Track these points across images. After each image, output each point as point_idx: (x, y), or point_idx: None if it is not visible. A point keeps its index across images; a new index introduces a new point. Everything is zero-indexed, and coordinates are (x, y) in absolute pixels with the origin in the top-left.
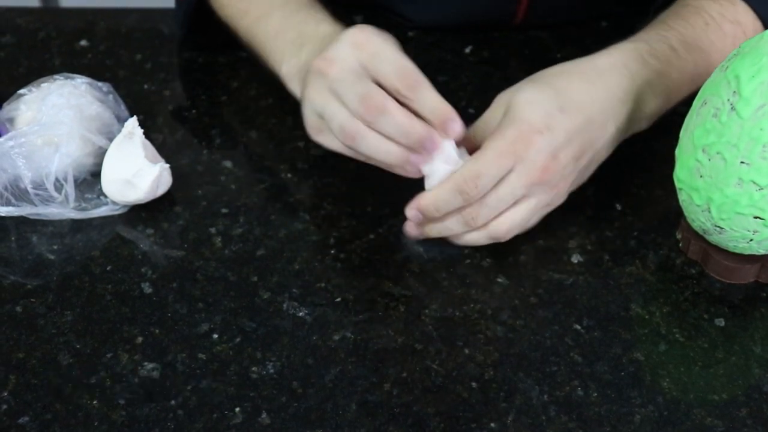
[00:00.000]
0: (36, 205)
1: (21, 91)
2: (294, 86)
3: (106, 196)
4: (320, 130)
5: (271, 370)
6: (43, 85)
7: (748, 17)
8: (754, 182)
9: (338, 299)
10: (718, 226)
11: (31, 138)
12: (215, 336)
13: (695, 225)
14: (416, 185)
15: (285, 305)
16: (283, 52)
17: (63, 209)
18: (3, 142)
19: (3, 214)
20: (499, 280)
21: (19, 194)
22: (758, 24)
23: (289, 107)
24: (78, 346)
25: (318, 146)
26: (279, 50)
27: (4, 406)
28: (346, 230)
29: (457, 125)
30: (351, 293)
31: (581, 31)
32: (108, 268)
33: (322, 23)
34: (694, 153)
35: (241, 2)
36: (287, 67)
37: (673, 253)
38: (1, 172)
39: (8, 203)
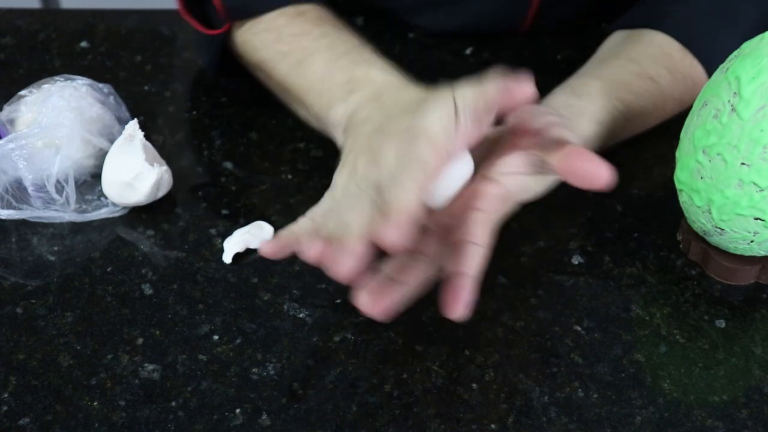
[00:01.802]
0: (37, 207)
1: (21, 92)
2: (338, 134)
3: (106, 198)
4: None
5: (272, 372)
6: (43, 86)
7: (672, 47)
8: (755, 183)
9: (338, 300)
10: (719, 228)
11: (32, 140)
12: (215, 337)
13: (696, 226)
14: None
15: (285, 306)
16: (332, 96)
17: (63, 213)
18: (3, 144)
19: (4, 217)
20: (500, 281)
21: (20, 196)
22: (686, 52)
23: (290, 108)
24: (78, 348)
25: (318, 147)
26: (326, 94)
27: (5, 408)
28: None
29: (391, 234)
30: (351, 294)
31: (581, 33)
32: (108, 270)
33: (373, 68)
34: (695, 154)
35: (280, 44)
36: (334, 114)
37: (674, 255)
38: (2, 174)
39: (9, 205)
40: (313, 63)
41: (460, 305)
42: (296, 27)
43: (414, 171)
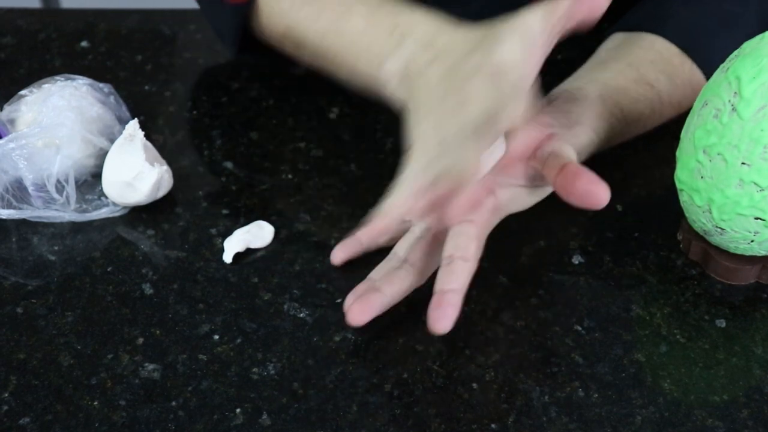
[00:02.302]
0: (37, 207)
1: (22, 92)
2: (392, 87)
3: (106, 198)
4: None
5: (272, 371)
6: (44, 86)
7: (672, 52)
8: (755, 183)
9: (339, 300)
10: (719, 227)
11: (32, 140)
12: (216, 337)
13: (696, 226)
14: None
15: (286, 306)
16: (380, 49)
17: (63, 212)
18: (4, 143)
19: (4, 217)
20: (500, 280)
21: (20, 196)
22: (685, 58)
23: (290, 108)
24: (79, 347)
25: (319, 147)
26: (373, 47)
27: (5, 407)
28: (346, 231)
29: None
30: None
31: (582, 33)
32: (109, 269)
33: (415, 14)
34: (695, 154)
35: (310, 5)
36: (388, 68)
37: (674, 254)
38: (2, 173)
39: (9, 205)
40: (351, 18)
41: (446, 320)
42: None
43: (519, 104)
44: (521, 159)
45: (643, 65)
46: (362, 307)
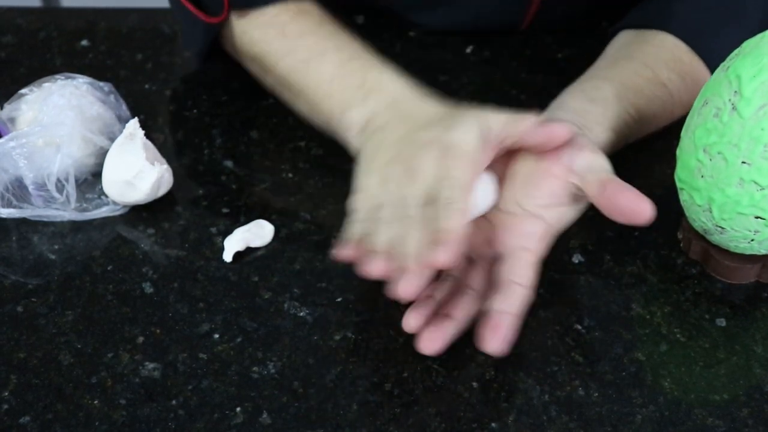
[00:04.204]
0: (37, 206)
1: (22, 90)
2: (352, 136)
3: (107, 196)
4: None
5: (272, 370)
6: (44, 85)
7: (680, 50)
8: (755, 182)
9: (339, 299)
10: (719, 226)
11: (33, 138)
12: (216, 336)
13: (696, 225)
14: None
15: (286, 305)
16: (345, 99)
17: (64, 212)
18: (4, 142)
19: (4, 216)
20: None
21: (21, 195)
22: (694, 55)
23: (290, 107)
24: (79, 346)
25: (319, 146)
26: (338, 96)
27: (5, 406)
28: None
29: (443, 257)
30: (352, 293)
31: (581, 32)
32: (109, 268)
33: (385, 74)
34: (695, 153)
35: (284, 40)
36: (350, 118)
37: (674, 253)
38: (3, 172)
39: (9, 204)
40: (322, 63)
41: (499, 341)
42: (300, 25)
43: (458, 193)
44: (556, 174)
45: (657, 65)
46: (436, 335)
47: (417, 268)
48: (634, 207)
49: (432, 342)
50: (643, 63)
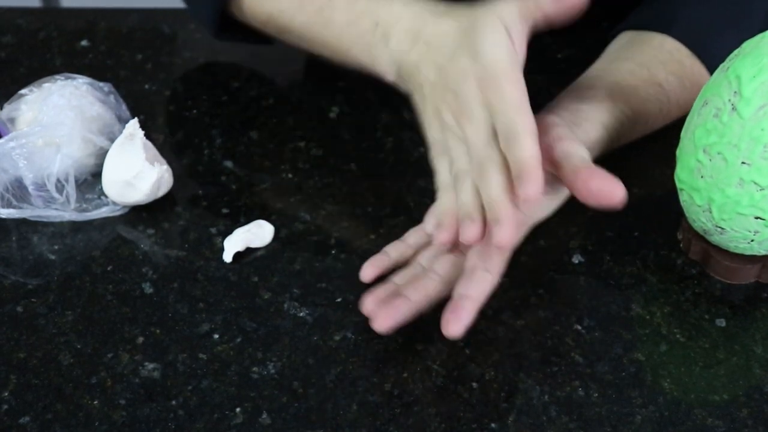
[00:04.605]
0: (37, 206)
1: (22, 91)
2: (392, 80)
3: (106, 197)
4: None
5: (272, 371)
6: (44, 85)
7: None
8: (755, 183)
9: (339, 299)
10: (719, 227)
11: (32, 139)
12: (216, 336)
13: (696, 225)
14: (418, 185)
15: (286, 305)
16: (366, 46)
17: (64, 212)
18: (4, 143)
19: (4, 216)
20: (500, 280)
21: (20, 195)
22: (695, 59)
23: (290, 107)
24: (79, 346)
25: (319, 146)
26: (360, 42)
27: (5, 406)
28: (346, 230)
29: (532, 188)
30: (352, 293)
31: (582, 32)
32: (109, 268)
33: (394, 3)
34: (695, 153)
35: None
36: (380, 64)
37: (674, 254)
38: (2, 173)
39: (9, 204)
40: (333, 12)
41: (458, 325)
42: None
43: (514, 115)
44: None
45: (654, 65)
46: (389, 312)
47: (508, 211)
48: (606, 190)
49: (384, 319)
50: (639, 63)
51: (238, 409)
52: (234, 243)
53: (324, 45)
